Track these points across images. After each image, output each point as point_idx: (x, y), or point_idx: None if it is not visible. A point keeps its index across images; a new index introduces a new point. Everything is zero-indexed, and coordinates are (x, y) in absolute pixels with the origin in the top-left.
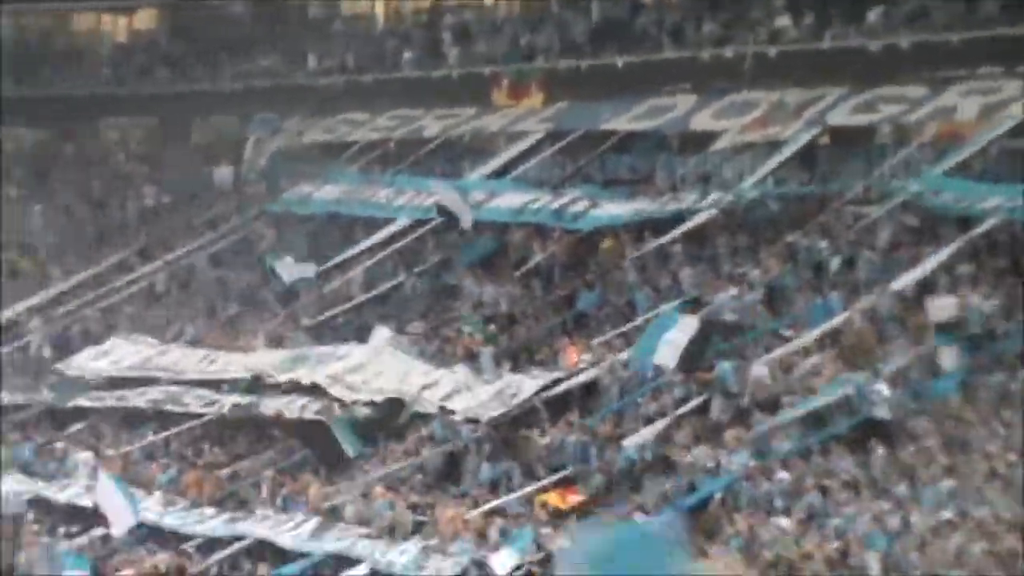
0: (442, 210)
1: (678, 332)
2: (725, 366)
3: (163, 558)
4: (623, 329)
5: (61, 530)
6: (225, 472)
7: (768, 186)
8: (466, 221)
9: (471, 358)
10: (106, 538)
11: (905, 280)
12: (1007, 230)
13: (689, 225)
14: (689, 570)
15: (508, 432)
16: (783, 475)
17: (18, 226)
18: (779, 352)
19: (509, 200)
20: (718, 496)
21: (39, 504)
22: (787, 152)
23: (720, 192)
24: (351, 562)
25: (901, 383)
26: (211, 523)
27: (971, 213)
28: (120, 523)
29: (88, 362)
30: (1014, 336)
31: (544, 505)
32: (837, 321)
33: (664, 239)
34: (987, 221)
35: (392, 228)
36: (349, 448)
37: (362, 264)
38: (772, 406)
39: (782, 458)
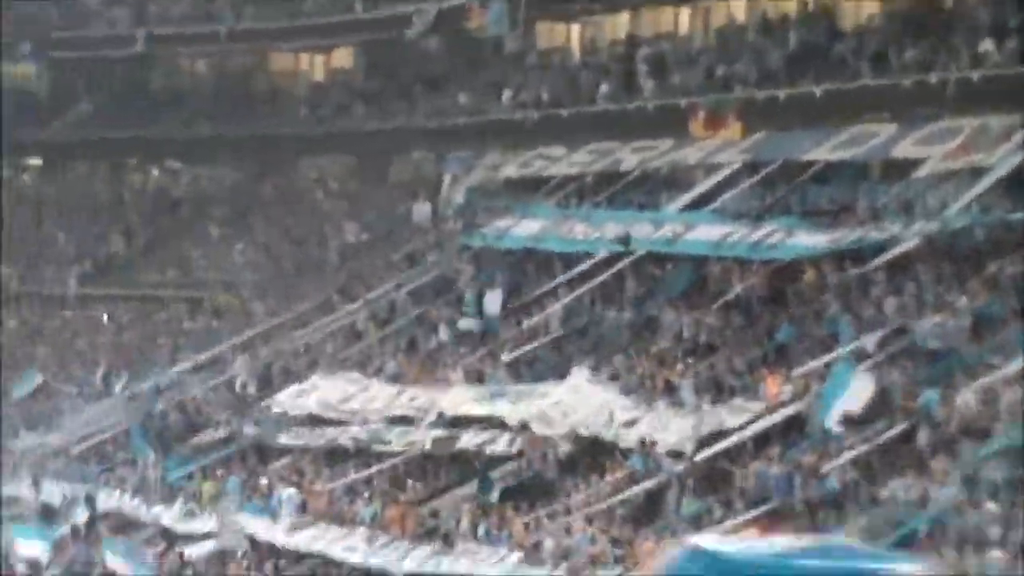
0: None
1: (853, 395)
2: (930, 394)
3: None
4: (824, 359)
5: (268, 566)
6: (427, 508)
7: (973, 213)
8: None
9: (671, 392)
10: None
11: None
12: None
13: (893, 253)
14: None
15: (710, 466)
16: (992, 506)
17: (221, 264)
18: (985, 380)
19: (707, 232)
20: (924, 528)
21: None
22: (992, 178)
23: (923, 220)
24: None
25: None
26: (415, 558)
27: None
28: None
29: (292, 399)
30: None
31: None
32: None
33: (867, 267)
34: None
35: (590, 262)
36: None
37: (560, 299)
38: (980, 436)
39: (992, 489)
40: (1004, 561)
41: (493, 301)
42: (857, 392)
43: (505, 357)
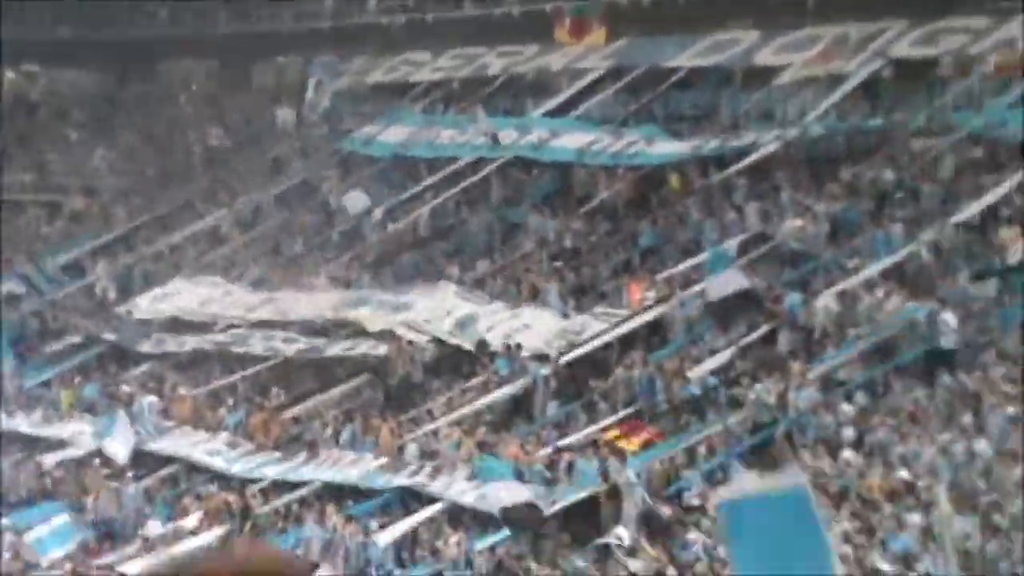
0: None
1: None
2: (794, 298)
3: (231, 497)
4: (687, 264)
5: (129, 473)
6: (291, 414)
7: (831, 120)
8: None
9: (537, 297)
10: (174, 479)
11: (968, 211)
12: None
13: (752, 159)
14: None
15: (575, 370)
16: (849, 408)
17: (80, 169)
18: (844, 284)
19: (572, 140)
20: (783, 429)
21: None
22: (850, 86)
23: (784, 127)
24: (422, 499)
25: (966, 313)
26: (279, 466)
27: None
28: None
29: (152, 304)
30: None
31: (608, 443)
32: (903, 253)
33: (726, 173)
34: None
35: (456, 167)
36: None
37: (426, 204)
38: (838, 338)
39: (848, 391)
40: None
41: (355, 201)
42: (728, 280)
43: (370, 261)
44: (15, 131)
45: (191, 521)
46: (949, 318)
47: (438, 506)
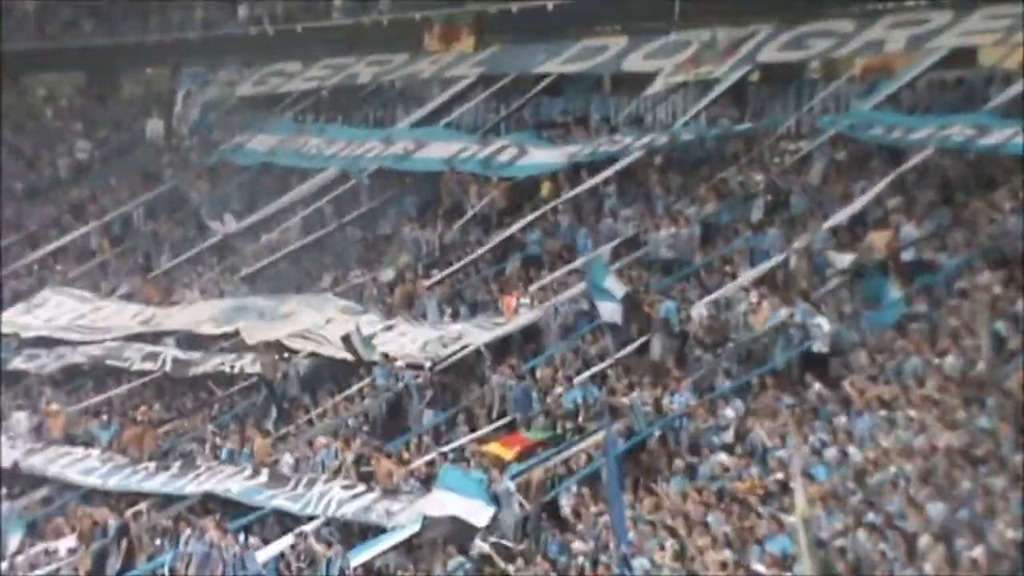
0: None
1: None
2: (669, 305)
3: (107, 514)
4: (562, 272)
5: (3, 491)
6: (167, 428)
7: (701, 125)
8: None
9: (411, 306)
10: (48, 499)
11: (839, 216)
12: (937, 161)
13: (621, 165)
14: None
15: (451, 379)
16: (725, 412)
17: None
18: (719, 292)
19: (439, 149)
20: (657, 435)
21: None
22: (718, 91)
23: (654, 132)
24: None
25: (838, 316)
26: (154, 479)
27: (902, 145)
28: None
29: (18, 317)
30: (947, 267)
31: (484, 454)
32: (776, 258)
33: (596, 179)
34: (918, 153)
35: (325, 178)
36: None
37: (298, 214)
38: (713, 344)
39: (723, 395)
40: (734, 465)
41: (228, 222)
42: (611, 308)
43: (244, 272)
44: None
45: (66, 543)
46: (821, 321)
47: (316, 523)
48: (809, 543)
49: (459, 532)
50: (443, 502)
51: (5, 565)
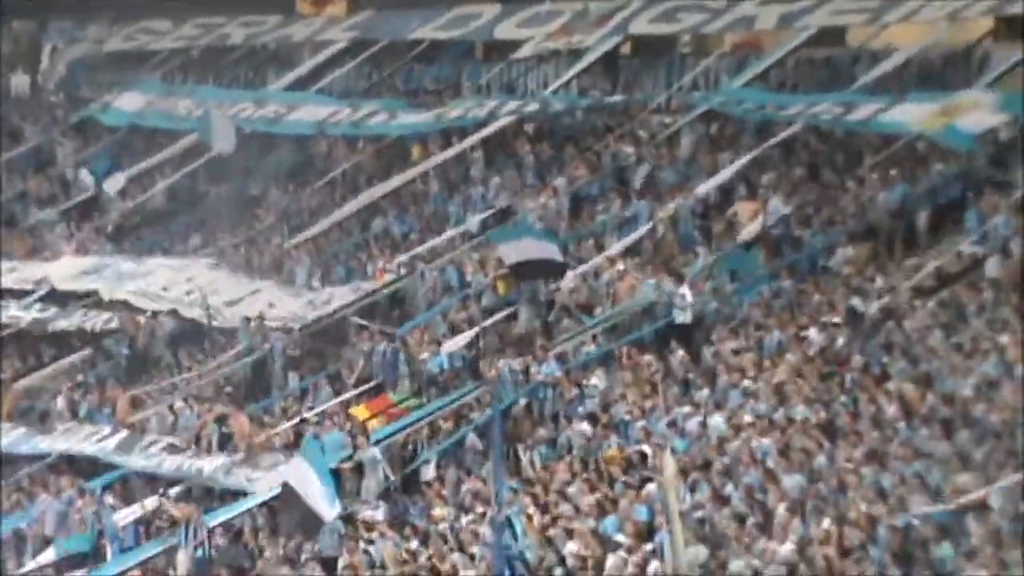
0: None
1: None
2: None
3: None
4: (430, 241)
5: None
6: (24, 385)
7: (572, 95)
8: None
9: (280, 269)
10: None
11: (706, 187)
12: (805, 138)
13: (489, 130)
14: None
15: (318, 343)
16: (589, 382)
17: None
18: (587, 264)
19: (310, 112)
20: (523, 403)
21: None
22: (588, 59)
23: (524, 100)
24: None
25: (703, 289)
26: (11, 437)
27: (770, 121)
28: None
29: None
30: (811, 242)
31: (352, 418)
32: (642, 229)
33: (465, 143)
34: (786, 129)
35: (194, 139)
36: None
37: (167, 175)
38: (580, 314)
39: (587, 365)
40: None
41: (114, 183)
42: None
43: (110, 231)
44: None
45: None
46: (685, 293)
47: (177, 488)
48: (676, 511)
49: (308, 520)
50: (303, 477)
51: None
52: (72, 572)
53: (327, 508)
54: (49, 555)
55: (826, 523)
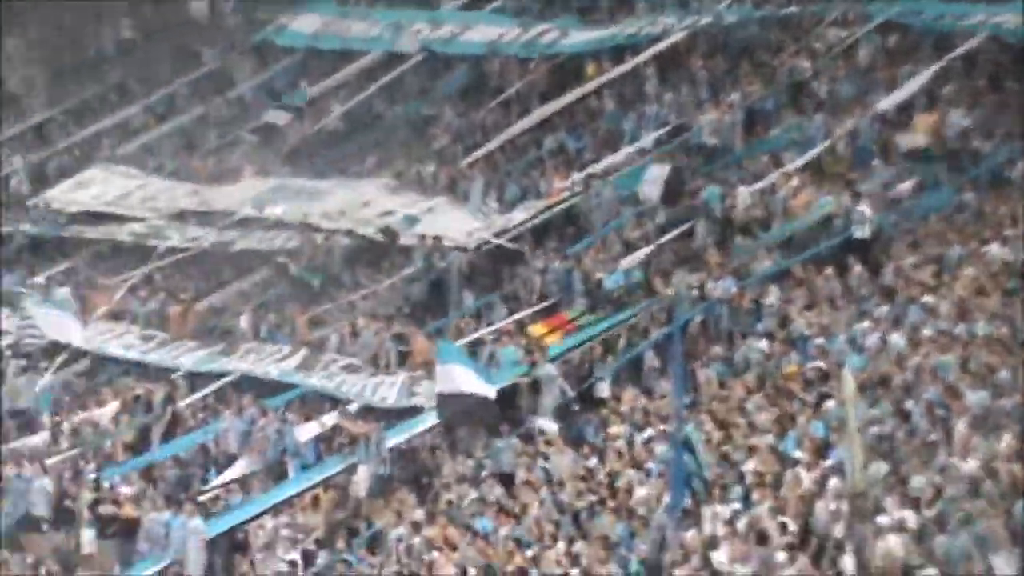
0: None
1: (656, 170)
2: (712, 191)
3: (150, 387)
4: (606, 157)
5: (43, 364)
6: (207, 305)
7: (747, 7)
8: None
9: (454, 189)
10: (91, 372)
11: (886, 102)
12: (987, 48)
13: (662, 46)
14: None
15: (492, 262)
16: (769, 299)
17: None
18: (764, 180)
19: (483, 32)
20: (699, 320)
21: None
22: None
23: (698, 15)
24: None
25: (882, 204)
26: (195, 356)
27: (951, 31)
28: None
29: (67, 194)
30: (993, 155)
31: (529, 335)
32: (820, 145)
33: (637, 59)
34: (968, 40)
35: (369, 60)
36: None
37: (340, 96)
38: (755, 230)
39: (764, 281)
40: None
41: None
42: (654, 178)
43: (287, 153)
44: None
45: (108, 411)
46: (864, 209)
47: (356, 404)
48: (855, 428)
49: (477, 407)
50: (450, 376)
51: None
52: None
53: (487, 387)
54: (234, 471)
55: (1007, 439)
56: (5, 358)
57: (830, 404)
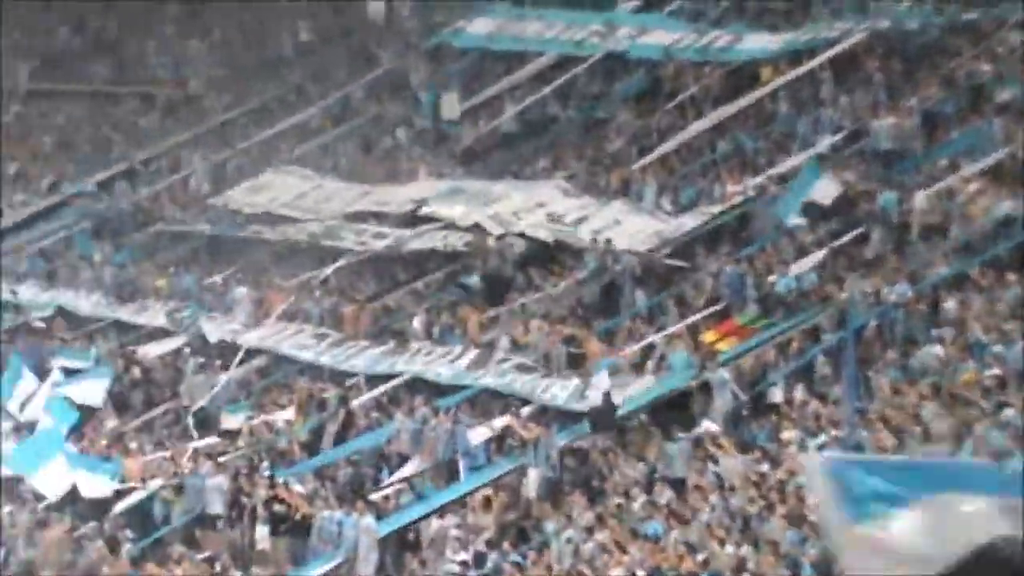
0: None
1: (820, 190)
2: (888, 196)
3: (325, 388)
4: (780, 162)
5: (218, 363)
6: (381, 306)
7: (927, 11)
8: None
9: (628, 191)
10: (265, 370)
11: None
12: None
13: (838, 49)
14: None
15: (665, 264)
16: (945, 305)
17: (175, 60)
18: (940, 184)
19: (658, 36)
20: (874, 324)
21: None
22: None
23: (876, 18)
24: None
25: None
26: (367, 356)
27: None
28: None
29: (245, 196)
30: None
31: (700, 340)
32: (1001, 150)
33: (812, 63)
34: None
35: (542, 63)
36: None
37: (515, 98)
38: (933, 235)
39: (941, 286)
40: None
41: (450, 104)
42: (824, 188)
43: (460, 155)
44: (110, 22)
45: (285, 413)
46: None
47: (528, 407)
48: None
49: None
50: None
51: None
52: None
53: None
54: (407, 470)
55: None
56: (184, 356)
57: (1008, 412)
